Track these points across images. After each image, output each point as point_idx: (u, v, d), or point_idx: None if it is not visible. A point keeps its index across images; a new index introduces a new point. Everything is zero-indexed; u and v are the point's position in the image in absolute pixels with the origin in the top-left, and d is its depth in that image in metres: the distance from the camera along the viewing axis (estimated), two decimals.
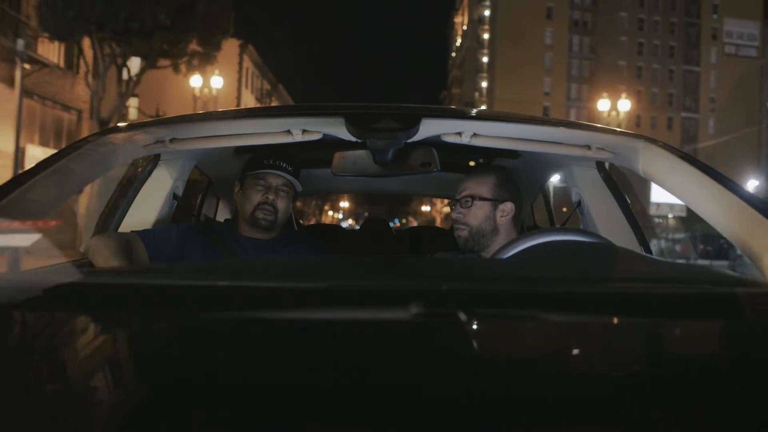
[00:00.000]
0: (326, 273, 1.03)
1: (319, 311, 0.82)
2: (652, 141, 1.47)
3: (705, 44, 63.26)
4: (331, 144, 1.61)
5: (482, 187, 1.75)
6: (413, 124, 1.44)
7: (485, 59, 65.46)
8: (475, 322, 0.77)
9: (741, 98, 57.46)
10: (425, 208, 61.72)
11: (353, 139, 1.50)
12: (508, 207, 1.74)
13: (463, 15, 75.06)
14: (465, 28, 72.25)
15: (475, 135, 1.54)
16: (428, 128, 1.48)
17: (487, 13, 64.76)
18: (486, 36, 65.09)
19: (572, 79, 62.76)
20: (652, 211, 20.71)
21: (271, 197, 1.83)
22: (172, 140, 1.60)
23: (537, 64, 60.60)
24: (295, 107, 1.90)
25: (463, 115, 1.56)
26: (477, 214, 1.73)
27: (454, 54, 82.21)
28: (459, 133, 1.53)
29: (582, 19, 63.28)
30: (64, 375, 0.62)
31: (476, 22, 66.91)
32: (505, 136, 1.59)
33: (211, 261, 1.69)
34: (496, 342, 0.76)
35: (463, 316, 0.74)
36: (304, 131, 1.54)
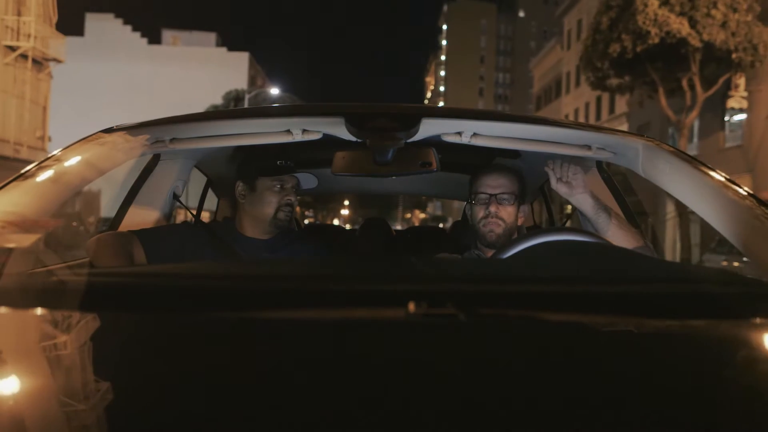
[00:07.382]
0: (326, 273, 0.92)
1: (319, 311, 0.73)
2: (653, 141, 1.32)
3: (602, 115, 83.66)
4: (331, 144, 1.42)
5: (515, 186, 1.59)
6: (413, 124, 1.28)
7: None
8: (475, 322, 0.69)
9: None
10: (407, 215, 69.19)
11: (353, 139, 1.33)
12: (526, 210, 1.62)
13: (431, 76, 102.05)
14: (432, 88, 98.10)
15: (475, 135, 1.36)
16: (428, 128, 1.32)
17: (442, 88, 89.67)
18: (441, 104, 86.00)
19: None
20: None
21: (291, 198, 1.66)
22: (172, 140, 1.41)
23: None
24: (295, 107, 1.67)
25: (463, 115, 1.39)
26: (511, 212, 1.57)
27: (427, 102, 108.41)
28: (459, 133, 1.36)
29: (504, 93, 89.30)
30: (64, 374, 0.57)
31: (435, 94, 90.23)
32: (505, 136, 1.41)
33: (211, 261, 1.49)
34: (496, 342, 0.68)
35: (463, 316, 0.68)
36: (304, 131, 1.36)
